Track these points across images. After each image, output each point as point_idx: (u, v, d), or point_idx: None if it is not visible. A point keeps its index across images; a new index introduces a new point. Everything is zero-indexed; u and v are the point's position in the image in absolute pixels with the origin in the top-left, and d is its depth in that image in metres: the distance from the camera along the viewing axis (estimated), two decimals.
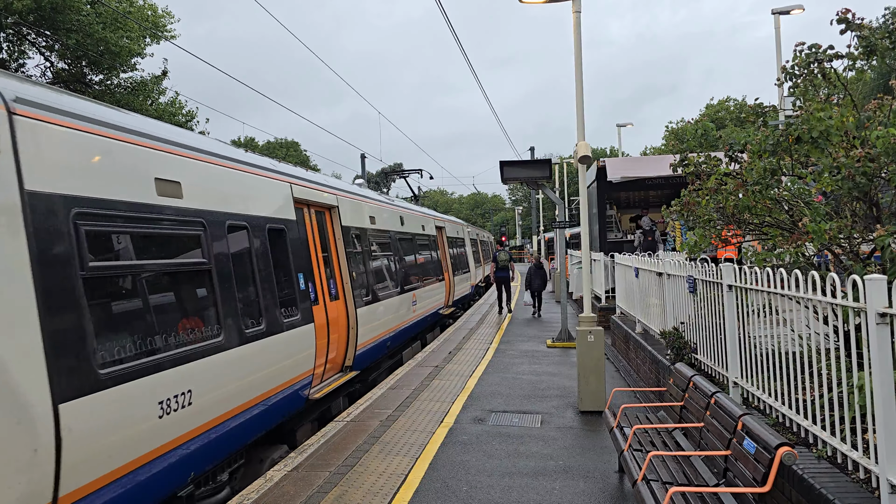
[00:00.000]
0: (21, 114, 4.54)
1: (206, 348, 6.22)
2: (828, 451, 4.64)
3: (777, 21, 18.28)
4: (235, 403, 6.73)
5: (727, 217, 7.39)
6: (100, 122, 5.42)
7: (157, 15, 26.43)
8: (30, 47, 25.31)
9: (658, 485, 4.88)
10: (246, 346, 6.97)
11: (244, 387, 6.91)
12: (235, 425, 6.72)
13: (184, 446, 5.78)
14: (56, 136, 4.86)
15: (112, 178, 5.37)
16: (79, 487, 4.52)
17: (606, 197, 18.99)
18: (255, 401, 7.15)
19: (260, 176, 8.26)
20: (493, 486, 6.34)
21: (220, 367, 6.43)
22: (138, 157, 5.78)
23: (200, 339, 6.19)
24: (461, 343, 15.50)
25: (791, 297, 5.29)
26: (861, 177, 5.56)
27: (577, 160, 10.54)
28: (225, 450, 6.64)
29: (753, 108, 7.49)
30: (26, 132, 4.53)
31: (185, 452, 5.81)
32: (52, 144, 4.81)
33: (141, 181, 5.72)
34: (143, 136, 5.93)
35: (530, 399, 9.84)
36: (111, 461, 4.85)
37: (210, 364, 6.24)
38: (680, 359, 8.29)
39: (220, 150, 7.54)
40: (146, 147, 5.92)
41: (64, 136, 4.94)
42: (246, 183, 7.82)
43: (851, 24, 6.39)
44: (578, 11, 10.51)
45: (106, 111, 5.82)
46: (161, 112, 26.39)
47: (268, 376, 7.46)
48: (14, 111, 4.48)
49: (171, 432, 5.58)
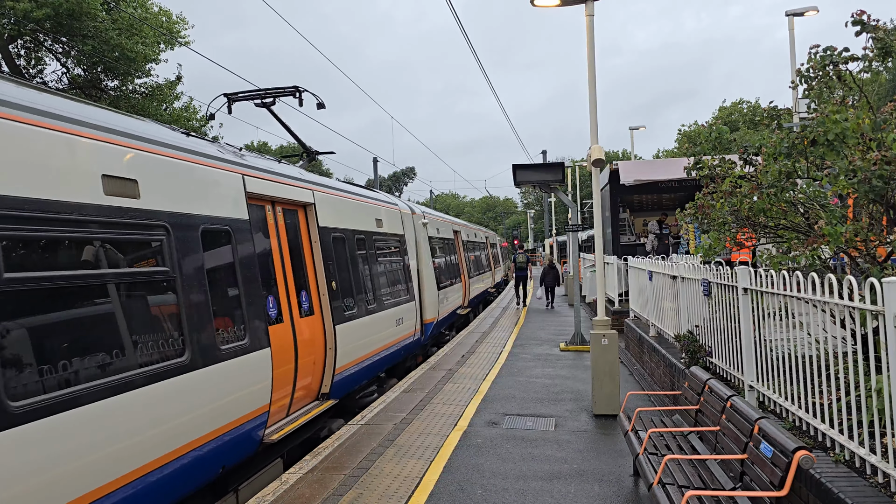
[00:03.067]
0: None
1: (75, 397, 4.49)
2: (845, 455, 4.62)
3: (791, 23, 18.19)
4: (127, 468, 4.95)
5: (742, 220, 7.37)
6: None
7: (172, 21, 26.68)
8: (46, 53, 25.63)
9: (674, 489, 4.88)
10: (150, 387, 5.22)
11: (145, 444, 5.15)
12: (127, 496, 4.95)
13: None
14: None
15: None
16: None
17: (619, 200, 18.97)
18: (162, 460, 5.33)
19: (192, 163, 6.49)
20: (508, 489, 6.34)
21: (102, 420, 4.71)
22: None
23: (65, 383, 4.46)
24: (474, 346, 15.51)
25: (808, 300, 5.27)
26: (877, 180, 5.54)
27: (590, 163, 10.53)
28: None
29: (768, 110, 7.48)
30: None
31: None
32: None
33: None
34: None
35: (544, 402, 9.84)
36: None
37: (83, 418, 4.54)
38: (695, 362, 8.26)
39: (131, 128, 5.86)
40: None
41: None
42: (170, 171, 6.10)
43: (867, 25, 6.38)
44: (591, 15, 10.52)
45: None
46: (176, 117, 26.62)
47: (189, 424, 5.72)
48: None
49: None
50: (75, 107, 5.35)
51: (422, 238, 16.30)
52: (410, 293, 14.07)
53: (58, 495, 4.32)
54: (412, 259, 14.91)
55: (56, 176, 4.76)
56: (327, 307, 9.08)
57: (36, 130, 4.67)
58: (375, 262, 11.87)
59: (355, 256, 10.71)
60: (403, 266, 14.09)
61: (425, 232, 16.79)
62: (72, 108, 5.24)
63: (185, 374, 5.71)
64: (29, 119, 4.64)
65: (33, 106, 4.75)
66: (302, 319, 8.45)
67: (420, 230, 16.29)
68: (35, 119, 4.70)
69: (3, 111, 4.42)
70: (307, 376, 8.47)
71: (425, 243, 16.57)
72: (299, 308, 8.41)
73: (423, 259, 16.10)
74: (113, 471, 4.80)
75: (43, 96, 5.07)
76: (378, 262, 12.06)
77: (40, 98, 4.98)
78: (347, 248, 10.37)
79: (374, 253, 11.86)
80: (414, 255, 15.21)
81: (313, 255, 9.15)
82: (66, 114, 5.06)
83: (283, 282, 8.09)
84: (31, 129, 4.63)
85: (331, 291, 9.22)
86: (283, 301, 7.98)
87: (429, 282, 16.11)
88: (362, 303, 10.63)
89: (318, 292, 9.07)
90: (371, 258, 11.60)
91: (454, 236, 22.37)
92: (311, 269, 9.01)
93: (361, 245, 11.17)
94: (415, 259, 15.22)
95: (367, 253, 11.45)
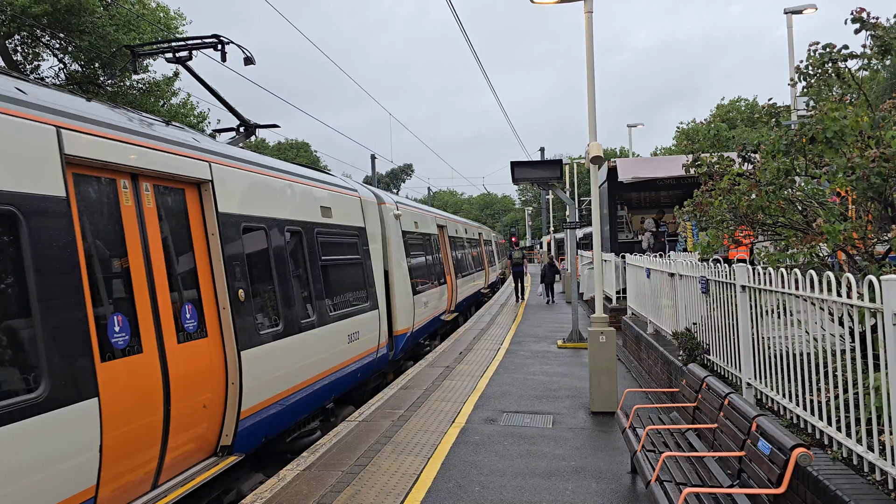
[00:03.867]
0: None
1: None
2: (843, 453, 4.63)
3: (790, 21, 18.19)
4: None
5: (740, 217, 7.37)
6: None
7: (170, 17, 26.61)
8: (43, 49, 25.55)
9: (672, 486, 4.88)
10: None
11: None
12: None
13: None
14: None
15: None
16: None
17: (617, 197, 18.97)
18: None
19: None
20: (506, 487, 6.34)
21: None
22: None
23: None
24: (472, 343, 15.52)
25: (806, 297, 5.27)
26: (876, 177, 5.53)
27: (588, 161, 10.54)
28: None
29: (766, 108, 7.47)
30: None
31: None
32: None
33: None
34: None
35: (542, 399, 9.84)
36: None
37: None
38: (692, 360, 8.27)
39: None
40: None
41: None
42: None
43: (866, 23, 6.37)
44: (590, 12, 10.52)
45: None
46: (174, 113, 26.56)
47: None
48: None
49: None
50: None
51: (393, 233, 13.49)
52: (372, 300, 11.33)
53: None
54: (376, 258, 12.00)
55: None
56: (229, 325, 6.73)
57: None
58: (317, 263, 9.26)
59: (283, 255, 8.23)
60: (363, 267, 11.25)
61: (398, 226, 14.01)
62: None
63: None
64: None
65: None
66: (183, 346, 6.11)
67: (391, 224, 13.50)
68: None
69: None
70: (192, 426, 6.17)
71: (398, 239, 13.80)
72: (177, 329, 6.06)
73: (395, 258, 13.32)
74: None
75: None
76: (323, 262, 9.47)
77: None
78: (270, 244, 7.97)
79: (315, 251, 9.26)
80: (380, 253, 12.40)
81: (210, 253, 6.76)
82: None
83: (145, 292, 5.71)
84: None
85: (236, 304, 6.86)
86: (144, 321, 5.64)
87: (401, 285, 13.39)
88: (291, 317, 8.13)
89: (218, 305, 6.73)
90: (311, 257, 9.07)
91: (438, 231, 19.82)
92: (204, 273, 6.66)
93: (295, 240, 8.79)
94: (380, 258, 12.39)
95: (305, 251, 8.94)
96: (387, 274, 12.77)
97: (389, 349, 12.48)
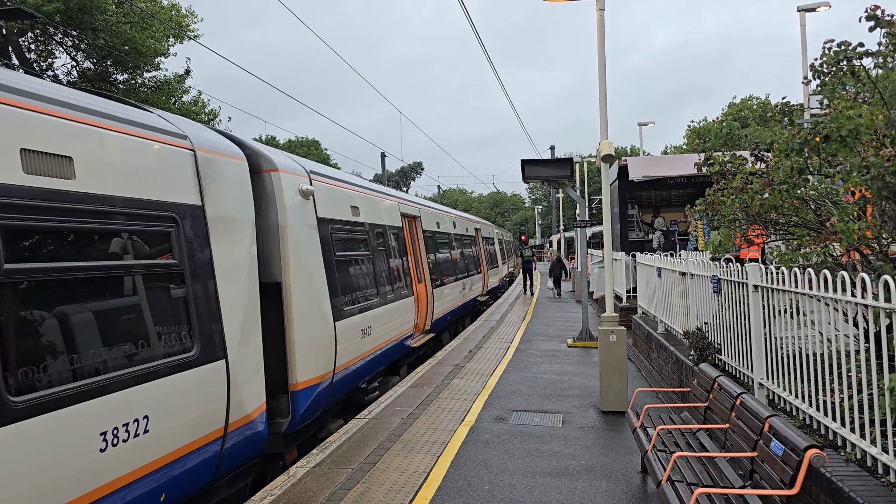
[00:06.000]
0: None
1: None
2: (857, 454, 4.59)
3: (803, 18, 18.05)
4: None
5: (752, 217, 7.33)
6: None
7: (181, 15, 26.74)
8: (56, 47, 25.71)
9: (683, 486, 4.85)
10: None
11: None
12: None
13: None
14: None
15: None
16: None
17: (628, 196, 18.91)
18: None
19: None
20: (515, 486, 6.33)
21: None
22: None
23: None
24: (481, 342, 15.50)
25: (819, 297, 5.23)
26: (891, 176, 5.48)
27: (599, 159, 10.49)
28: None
29: (780, 106, 7.41)
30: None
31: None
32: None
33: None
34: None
35: (551, 398, 9.82)
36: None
37: None
38: (703, 359, 8.22)
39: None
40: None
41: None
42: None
43: (881, 20, 6.29)
44: (602, 10, 10.47)
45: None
46: (185, 111, 26.68)
47: None
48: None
49: None
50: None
51: (296, 223, 8.13)
52: (212, 347, 6.04)
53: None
54: (233, 266, 6.60)
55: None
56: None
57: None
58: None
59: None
60: (185, 285, 5.84)
61: (311, 212, 8.71)
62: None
63: None
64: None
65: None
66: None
67: (292, 205, 8.09)
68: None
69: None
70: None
71: (307, 232, 8.46)
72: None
73: (298, 263, 8.01)
74: None
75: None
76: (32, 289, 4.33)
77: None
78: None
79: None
80: (247, 254, 6.89)
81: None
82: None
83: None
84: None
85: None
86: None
87: (311, 308, 8.24)
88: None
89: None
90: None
91: (404, 223, 13.46)
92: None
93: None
94: (248, 263, 6.87)
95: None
96: (277, 288, 7.77)
97: (283, 415, 7.70)
